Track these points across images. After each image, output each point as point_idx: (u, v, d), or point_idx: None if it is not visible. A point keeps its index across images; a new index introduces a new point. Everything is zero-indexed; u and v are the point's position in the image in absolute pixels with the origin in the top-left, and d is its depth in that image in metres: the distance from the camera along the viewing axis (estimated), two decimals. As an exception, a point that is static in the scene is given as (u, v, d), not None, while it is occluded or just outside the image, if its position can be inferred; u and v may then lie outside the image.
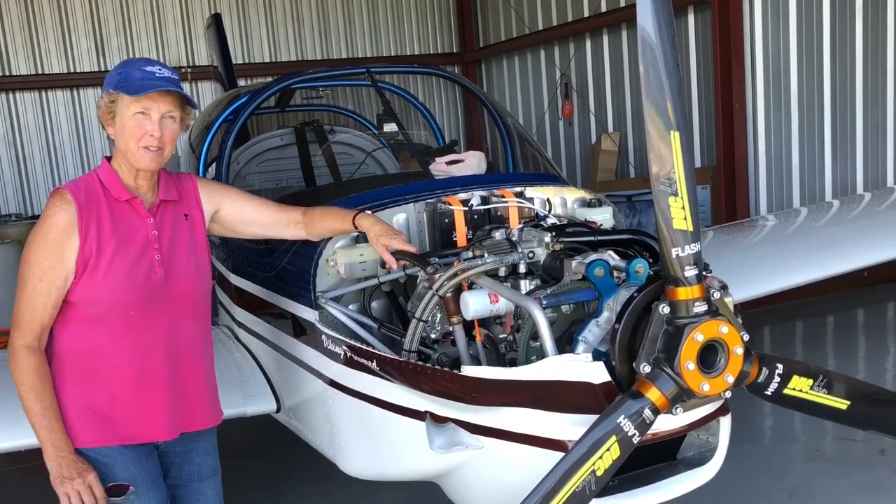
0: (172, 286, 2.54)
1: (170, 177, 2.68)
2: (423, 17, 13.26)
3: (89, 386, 2.48)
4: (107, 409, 2.49)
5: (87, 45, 11.30)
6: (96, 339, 2.47)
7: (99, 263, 2.42)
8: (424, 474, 2.74)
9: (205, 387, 2.71)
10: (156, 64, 2.53)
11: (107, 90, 2.50)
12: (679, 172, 1.95)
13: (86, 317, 2.46)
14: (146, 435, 2.56)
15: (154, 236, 2.54)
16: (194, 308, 2.65)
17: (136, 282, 2.47)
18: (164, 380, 2.54)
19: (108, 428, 2.49)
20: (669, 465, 2.43)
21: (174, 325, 2.56)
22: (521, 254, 2.52)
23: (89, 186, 2.51)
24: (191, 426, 2.66)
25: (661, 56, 1.92)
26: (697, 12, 9.43)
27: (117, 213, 2.50)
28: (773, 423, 5.12)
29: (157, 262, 2.52)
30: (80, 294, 2.44)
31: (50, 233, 2.41)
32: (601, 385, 2.13)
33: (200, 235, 2.71)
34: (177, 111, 2.53)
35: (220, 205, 2.81)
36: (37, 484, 5.10)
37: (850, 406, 2.31)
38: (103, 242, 2.44)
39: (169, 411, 2.56)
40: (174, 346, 2.56)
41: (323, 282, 2.97)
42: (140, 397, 2.51)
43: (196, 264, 2.64)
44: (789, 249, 5.12)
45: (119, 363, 2.48)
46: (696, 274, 2.02)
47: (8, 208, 11.09)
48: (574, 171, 11.55)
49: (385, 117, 4.68)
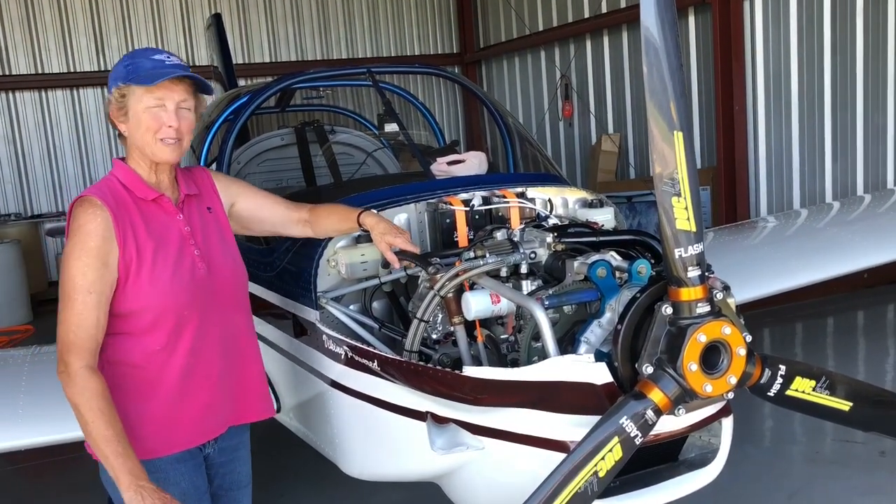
0: (216, 280, 2.48)
1: (184, 171, 2.60)
2: (424, 17, 13.26)
3: (141, 397, 2.37)
4: (160, 417, 2.39)
5: (86, 44, 11.30)
6: (148, 347, 2.37)
7: (142, 269, 2.32)
8: (425, 475, 2.74)
9: (257, 379, 2.67)
10: (163, 52, 2.44)
11: (115, 84, 2.39)
12: (682, 173, 1.94)
13: (134, 326, 2.36)
14: (200, 436, 2.49)
15: (188, 232, 2.46)
16: (238, 300, 2.59)
17: (184, 281, 2.38)
18: (217, 377, 2.48)
19: (161, 438, 2.40)
20: (671, 467, 2.43)
21: (224, 319, 2.50)
22: (523, 254, 2.51)
23: (113, 190, 2.39)
24: (244, 418, 2.63)
25: (664, 56, 1.92)
26: (698, 13, 9.44)
27: (147, 214, 2.41)
28: (774, 425, 5.12)
29: (198, 257, 2.44)
30: (128, 304, 2.33)
31: (89, 241, 2.27)
32: (603, 386, 2.12)
33: (226, 227, 2.65)
34: (191, 99, 2.44)
35: (235, 199, 2.76)
36: (33, 484, 5.12)
37: (852, 407, 2.30)
38: (141, 246, 2.33)
39: (223, 408, 2.52)
40: (225, 340, 2.51)
41: (324, 282, 2.97)
42: (196, 398, 2.44)
43: (232, 256, 2.59)
44: (789, 251, 5.12)
45: (173, 367, 2.39)
46: (699, 274, 2.01)
47: (7, 208, 11.09)
48: (574, 172, 11.55)
49: (386, 117, 4.67)
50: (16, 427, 3.33)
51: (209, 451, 2.57)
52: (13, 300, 9.58)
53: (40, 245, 10.88)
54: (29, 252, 10.26)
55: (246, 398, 2.62)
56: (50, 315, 9.37)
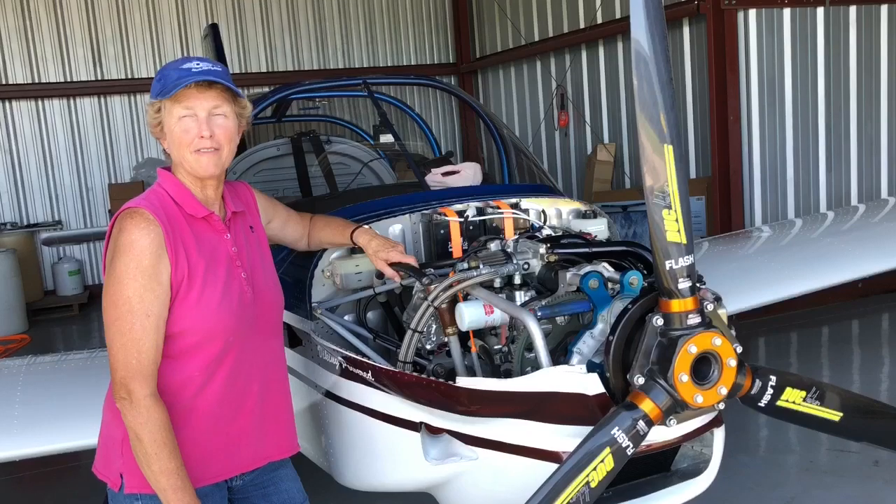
0: (260, 306, 2.37)
1: (229, 186, 2.48)
2: (420, 27, 13.30)
3: (178, 423, 2.21)
4: (196, 446, 2.26)
5: (83, 53, 11.31)
6: (187, 372, 2.25)
7: (191, 289, 2.20)
8: (419, 485, 2.74)
9: (287, 411, 2.55)
10: (194, 59, 2.28)
11: (151, 102, 2.30)
12: (672, 185, 1.96)
13: (176, 349, 2.23)
14: (233, 468, 2.38)
15: (234, 253, 2.34)
16: (276, 326, 2.49)
17: (232, 306, 2.27)
18: (254, 406, 2.37)
19: (197, 467, 2.25)
20: (663, 477, 2.44)
21: (263, 346, 2.40)
22: (517, 265, 2.52)
23: (164, 204, 2.26)
24: (276, 454, 2.50)
25: (654, 69, 1.93)
26: (692, 25, 9.47)
27: (198, 232, 2.28)
28: (768, 435, 5.12)
29: (245, 280, 2.34)
30: (172, 326, 2.20)
31: (143, 259, 2.13)
32: (595, 396, 2.13)
33: (266, 247, 2.54)
34: (225, 105, 2.29)
35: (271, 218, 2.70)
36: (28, 494, 5.11)
37: (842, 418, 2.32)
38: (193, 266, 2.21)
39: (255, 439, 2.40)
40: (262, 369, 2.40)
41: (318, 292, 2.98)
42: (231, 428, 2.33)
43: (272, 279, 2.49)
44: (784, 261, 5.13)
45: (210, 395, 2.28)
46: (689, 286, 2.03)
47: (3, 217, 11.09)
48: (570, 182, 11.58)
49: (381, 128, 4.71)
50: (11, 437, 3.32)
51: (238, 483, 2.45)
52: (9, 309, 9.56)
53: (36, 254, 10.87)
54: (25, 261, 10.24)
55: (278, 430, 2.50)
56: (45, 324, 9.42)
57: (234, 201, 2.45)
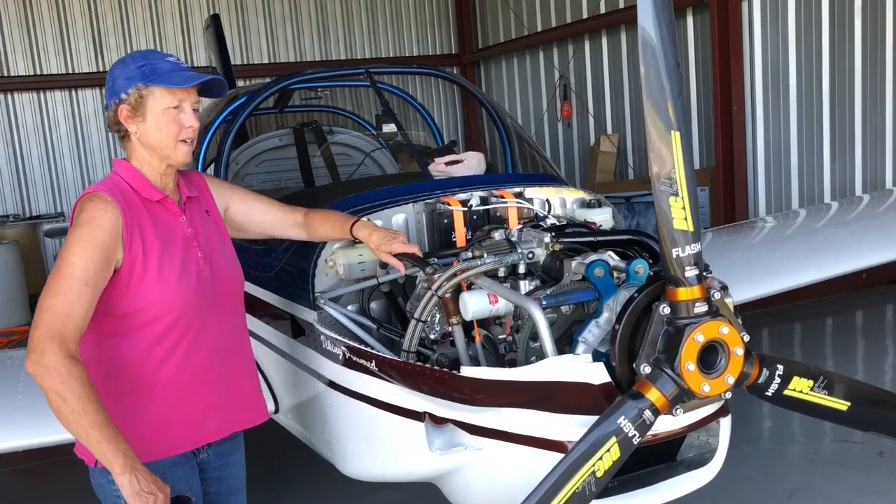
0: (219, 283, 2.49)
1: (182, 174, 2.60)
2: (422, 18, 13.27)
3: (139, 398, 2.36)
4: (158, 419, 2.38)
5: (85, 45, 11.30)
6: (148, 346, 2.35)
7: (147, 269, 2.31)
8: (423, 475, 2.73)
9: (252, 383, 2.67)
10: (170, 55, 2.47)
11: (133, 85, 2.35)
12: (679, 172, 1.94)
13: (135, 325, 2.34)
14: (198, 439, 2.50)
15: (190, 234, 2.47)
16: (236, 303, 2.60)
17: (190, 283, 2.39)
18: (215, 380, 2.48)
19: (158, 440, 2.38)
20: (669, 467, 2.43)
21: (222, 322, 2.50)
22: (521, 254, 2.51)
23: (121, 189, 2.38)
24: (240, 424, 2.62)
25: (661, 56, 1.92)
26: (696, 14, 9.44)
27: (154, 215, 2.40)
28: (772, 425, 5.12)
29: (201, 259, 2.46)
30: (131, 304, 2.31)
31: (98, 234, 2.23)
32: (601, 386, 2.12)
33: (223, 230, 2.66)
34: (197, 103, 2.46)
35: (228, 203, 2.78)
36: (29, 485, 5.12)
37: (850, 407, 2.30)
38: (148, 246, 2.33)
39: (220, 411, 2.52)
40: (223, 344, 2.51)
41: (322, 282, 2.96)
42: (194, 401, 2.44)
43: (231, 259, 2.61)
44: (788, 251, 5.12)
45: (171, 368, 2.38)
46: (696, 274, 2.01)
47: (6, 209, 11.09)
48: (573, 173, 11.56)
49: (384, 118, 4.68)
50: (13, 428, 3.33)
51: (204, 456, 2.56)
52: (11, 301, 9.57)
53: (39, 246, 10.88)
54: (27, 253, 10.25)
55: (243, 401, 2.61)
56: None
57: (188, 187, 2.57)
